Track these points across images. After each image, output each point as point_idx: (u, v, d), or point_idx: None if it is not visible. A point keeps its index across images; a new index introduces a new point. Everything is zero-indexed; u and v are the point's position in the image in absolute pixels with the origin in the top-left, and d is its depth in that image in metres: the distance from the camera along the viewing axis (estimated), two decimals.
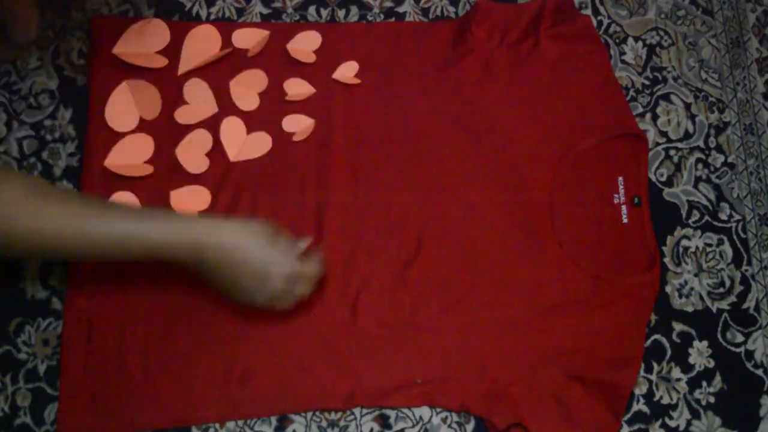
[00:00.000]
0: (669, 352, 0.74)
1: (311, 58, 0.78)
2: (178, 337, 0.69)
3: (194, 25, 0.78)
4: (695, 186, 0.80)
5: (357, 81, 0.78)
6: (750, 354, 0.75)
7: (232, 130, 0.75)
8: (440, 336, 0.71)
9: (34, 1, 0.74)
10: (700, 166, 0.81)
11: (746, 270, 0.78)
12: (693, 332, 0.75)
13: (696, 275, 0.77)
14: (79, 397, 0.66)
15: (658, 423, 0.72)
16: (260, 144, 0.75)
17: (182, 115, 0.75)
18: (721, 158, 0.81)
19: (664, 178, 0.80)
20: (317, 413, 0.70)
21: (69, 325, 0.68)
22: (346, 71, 0.78)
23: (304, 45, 0.79)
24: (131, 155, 0.73)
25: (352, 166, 0.75)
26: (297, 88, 0.77)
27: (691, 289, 0.77)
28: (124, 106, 0.74)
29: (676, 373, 0.74)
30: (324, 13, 0.82)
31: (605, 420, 0.69)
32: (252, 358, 0.69)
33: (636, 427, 0.72)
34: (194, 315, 0.70)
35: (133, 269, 0.70)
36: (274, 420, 0.69)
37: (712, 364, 0.74)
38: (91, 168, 0.72)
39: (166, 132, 0.74)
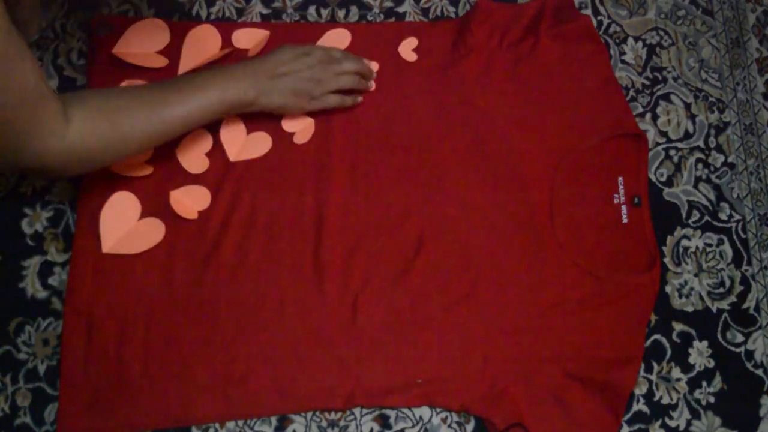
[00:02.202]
0: (669, 352, 0.74)
1: None
2: (178, 337, 0.69)
3: (194, 25, 0.78)
4: (695, 186, 0.80)
5: (415, 56, 0.79)
6: (750, 354, 0.75)
7: (232, 130, 0.75)
8: (440, 336, 0.71)
9: (36, 3, 0.74)
10: (700, 166, 0.81)
11: (746, 270, 0.78)
12: (693, 332, 0.75)
13: (696, 275, 0.77)
14: (79, 397, 0.66)
15: (658, 423, 0.72)
16: (260, 144, 0.75)
17: None
18: (721, 158, 0.81)
19: (664, 178, 0.80)
20: (317, 413, 0.70)
21: (69, 325, 0.68)
22: (407, 46, 0.80)
23: (334, 44, 0.79)
24: None
25: (352, 166, 0.75)
26: None
27: (691, 289, 0.77)
28: None
29: (676, 373, 0.74)
30: (324, 13, 0.82)
31: (605, 420, 0.69)
32: (252, 358, 0.69)
33: (636, 427, 0.72)
34: (194, 315, 0.69)
35: (133, 269, 0.70)
36: (274, 420, 0.69)
37: (712, 364, 0.74)
38: None
39: None
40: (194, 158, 0.74)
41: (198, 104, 0.64)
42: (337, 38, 0.79)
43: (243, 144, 0.75)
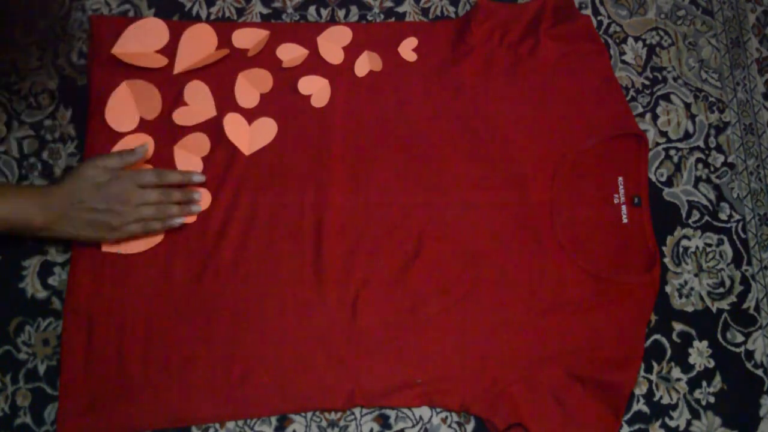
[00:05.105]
0: (669, 352, 0.74)
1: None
2: (178, 337, 0.69)
3: (193, 24, 0.78)
4: (695, 186, 0.80)
5: (415, 56, 0.79)
6: (750, 354, 0.75)
7: (235, 126, 0.75)
8: (440, 336, 0.71)
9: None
10: (700, 166, 0.81)
11: (746, 270, 0.78)
12: (693, 332, 0.75)
13: (696, 275, 0.77)
14: (79, 397, 0.66)
15: (658, 423, 0.72)
16: (267, 130, 0.75)
17: (181, 117, 0.75)
18: (721, 158, 0.81)
19: (664, 178, 0.80)
20: (317, 413, 0.70)
21: (69, 325, 0.68)
22: (407, 46, 0.80)
23: (334, 41, 0.79)
24: None
25: (352, 166, 0.75)
26: (309, 83, 0.78)
27: (691, 289, 0.77)
28: (124, 106, 0.74)
29: (676, 373, 0.74)
30: (324, 13, 0.82)
31: (605, 420, 0.69)
32: (252, 358, 0.69)
33: (636, 427, 0.72)
34: (194, 315, 0.70)
35: (133, 269, 0.70)
36: (274, 420, 0.69)
37: (712, 364, 0.74)
38: None
39: (165, 132, 0.74)
40: (192, 160, 0.74)
41: None
42: (338, 35, 0.79)
43: (250, 136, 0.75)
